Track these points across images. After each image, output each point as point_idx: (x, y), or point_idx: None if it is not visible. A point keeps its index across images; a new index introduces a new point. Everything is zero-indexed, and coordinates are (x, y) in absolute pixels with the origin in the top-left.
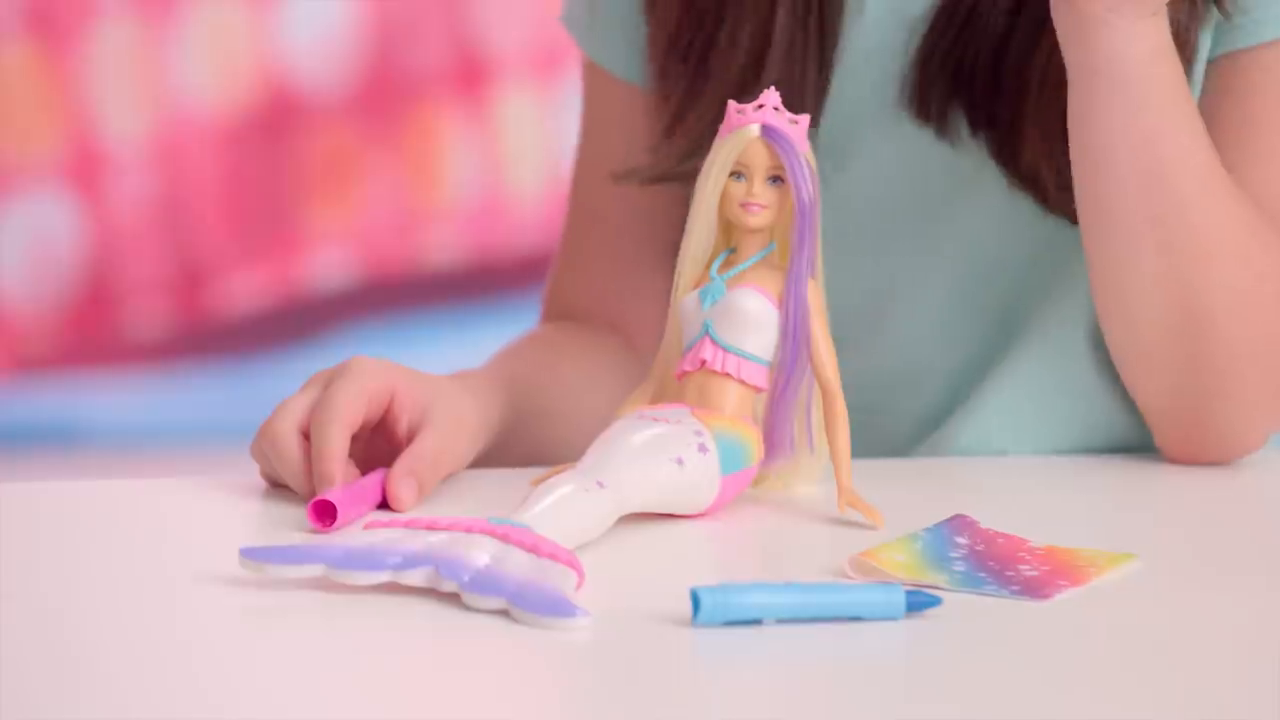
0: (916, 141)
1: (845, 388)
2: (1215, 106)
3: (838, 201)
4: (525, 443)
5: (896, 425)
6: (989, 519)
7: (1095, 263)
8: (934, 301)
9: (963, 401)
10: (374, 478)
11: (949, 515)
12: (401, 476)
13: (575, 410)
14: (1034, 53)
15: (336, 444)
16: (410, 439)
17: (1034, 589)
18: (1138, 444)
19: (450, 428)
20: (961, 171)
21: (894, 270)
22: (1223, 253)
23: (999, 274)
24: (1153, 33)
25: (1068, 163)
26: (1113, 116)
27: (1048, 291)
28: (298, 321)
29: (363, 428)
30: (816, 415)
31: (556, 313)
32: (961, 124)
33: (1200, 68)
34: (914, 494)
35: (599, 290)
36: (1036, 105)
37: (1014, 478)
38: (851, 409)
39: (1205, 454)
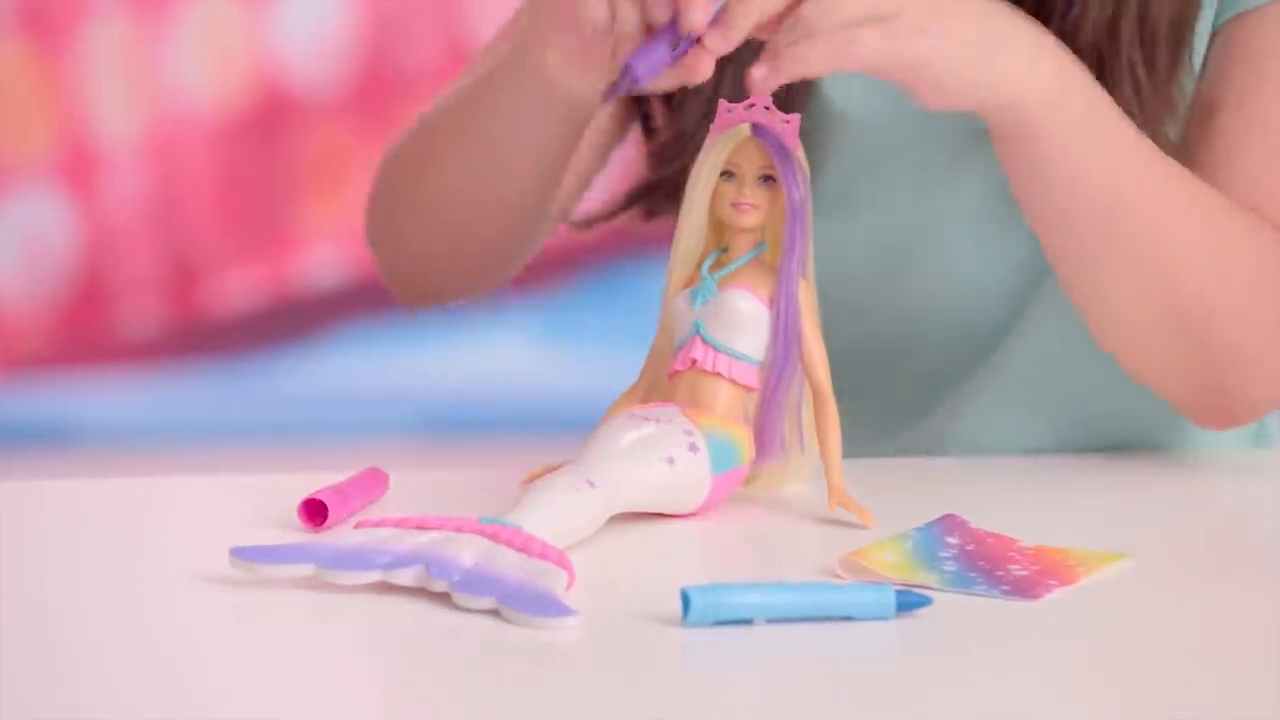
0: (910, 113)
1: (849, 351)
2: (1223, 72)
3: (849, 161)
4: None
5: (894, 394)
6: (979, 519)
7: (1066, 281)
8: (951, 255)
9: (964, 380)
10: (364, 477)
11: (939, 515)
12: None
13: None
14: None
15: None
16: None
17: (1024, 589)
18: (1135, 437)
19: None
20: (978, 124)
21: (912, 225)
22: (1189, 243)
23: (1017, 226)
24: (1049, 76)
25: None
26: (1036, 172)
27: (1041, 277)
28: (291, 320)
29: None
30: (807, 415)
31: None
32: None
33: (1203, 41)
34: (904, 494)
35: None
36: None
37: (1004, 477)
38: (853, 373)
39: (1235, 419)
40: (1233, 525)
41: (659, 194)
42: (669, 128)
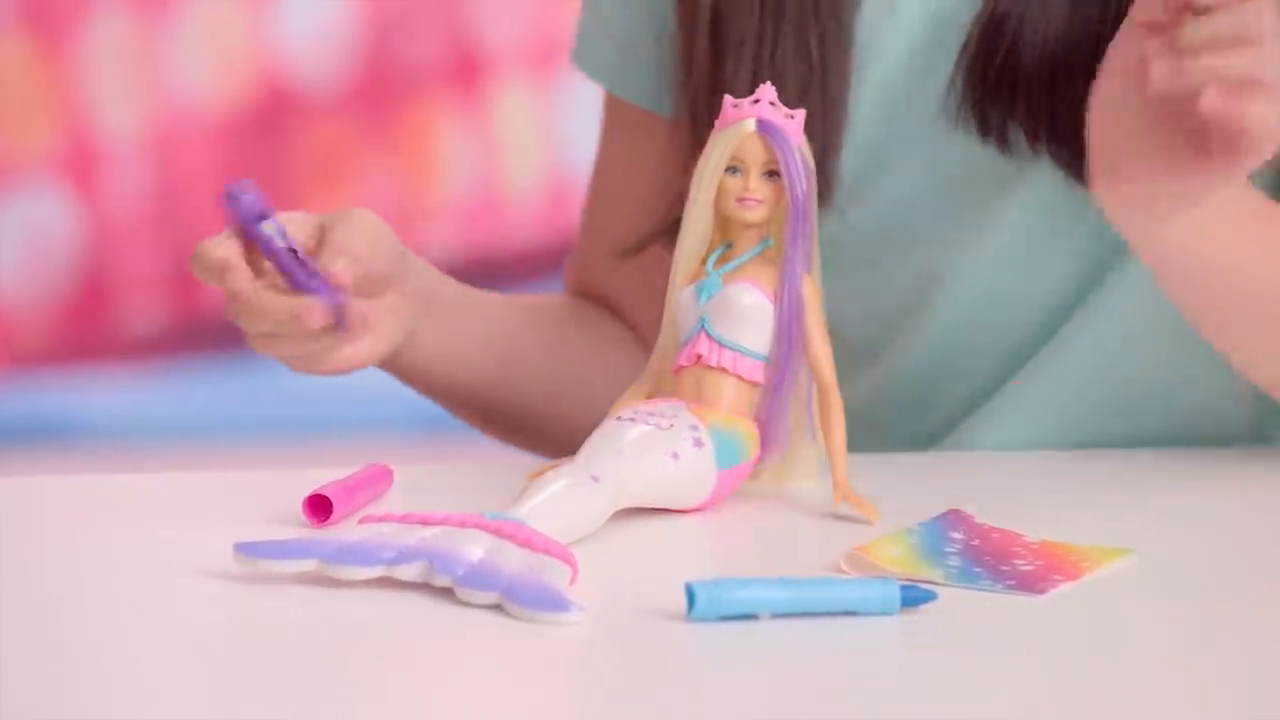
0: (956, 144)
1: (876, 384)
2: None
3: (875, 204)
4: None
5: (923, 422)
6: (984, 513)
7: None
8: (971, 300)
9: (987, 401)
10: (368, 473)
11: (944, 510)
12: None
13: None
14: (1094, 58)
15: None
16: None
17: (1029, 584)
18: (1156, 444)
19: (352, 223)
20: (1003, 169)
21: (939, 260)
22: None
23: (1047, 263)
24: (1216, 223)
25: None
26: (1196, 304)
27: (1101, 282)
28: None
29: None
30: (817, 409)
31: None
32: (1021, 136)
33: None
34: (909, 489)
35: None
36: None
37: (1009, 472)
38: (881, 405)
39: None
40: (1238, 521)
41: None
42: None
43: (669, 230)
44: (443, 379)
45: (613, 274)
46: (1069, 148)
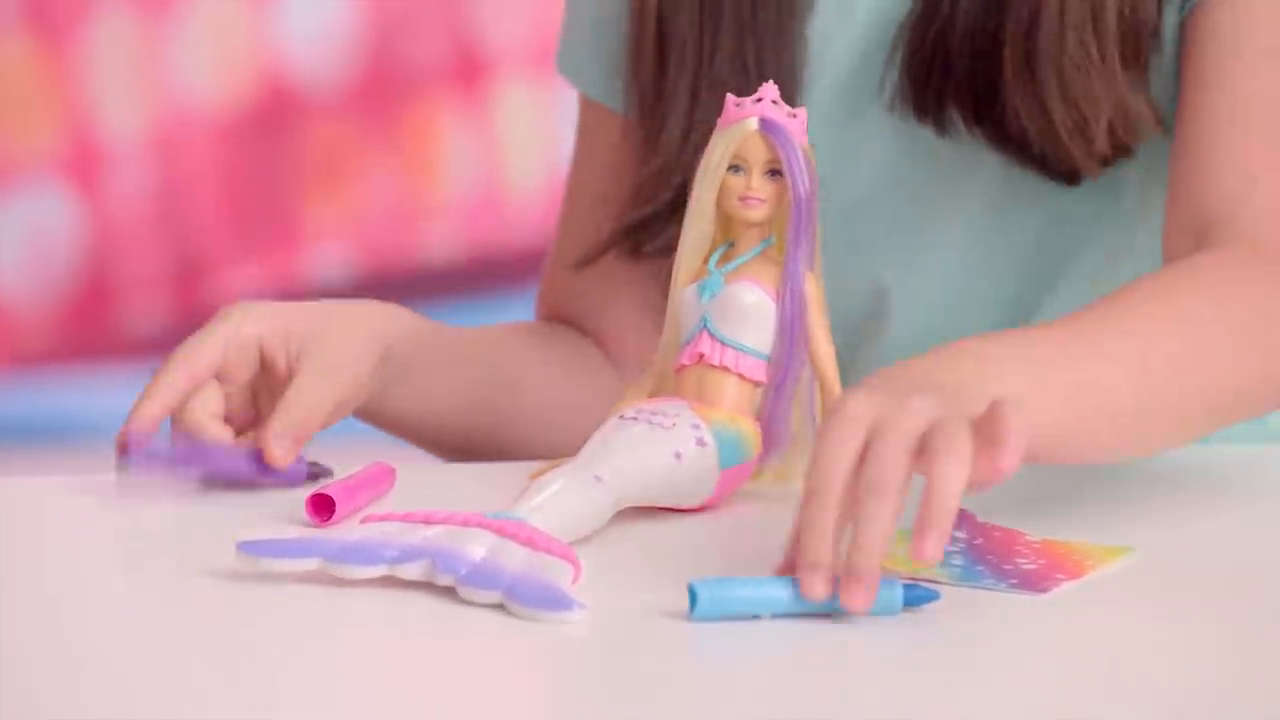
0: (906, 140)
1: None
2: (1197, 56)
3: (833, 208)
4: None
5: None
6: (985, 512)
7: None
8: (932, 300)
9: None
10: (371, 472)
11: None
12: (275, 437)
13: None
14: (1005, 24)
15: (163, 381)
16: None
17: (1031, 583)
18: None
19: (326, 361)
20: (954, 166)
21: (890, 270)
22: (1222, 370)
23: (998, 268)
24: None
25: (1049, 121)
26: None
27: (1053, 284)
28: None
29: (234, 380)
30: (819, 408)
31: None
32: (958, 117)
33: (1170, 46)
34: (910, 488)
35: (584, 304)
36: (1015, 72)
37: None
38: None
39: None
40: (1238, 519)
41: (643, 232)
42: (647, 165)
43: (617, 241)
44: (412, 432)
45: (574, 287)
46: (1001, 129)
